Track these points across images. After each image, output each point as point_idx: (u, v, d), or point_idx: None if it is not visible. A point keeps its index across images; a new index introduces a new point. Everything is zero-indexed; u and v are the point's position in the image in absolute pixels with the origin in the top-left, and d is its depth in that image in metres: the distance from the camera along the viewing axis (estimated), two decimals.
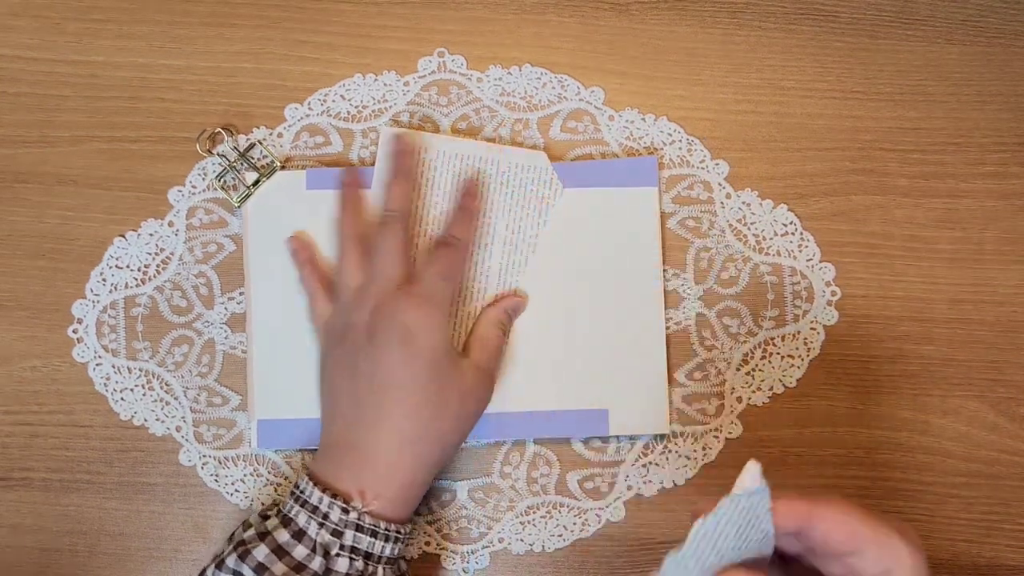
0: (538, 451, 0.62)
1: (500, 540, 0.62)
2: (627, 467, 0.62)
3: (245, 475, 0.62)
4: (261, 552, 0.52)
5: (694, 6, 0.65)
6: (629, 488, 0.62)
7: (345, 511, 0.53)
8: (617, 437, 0.62)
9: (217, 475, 0.62)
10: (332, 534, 0.53)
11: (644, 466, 0.62)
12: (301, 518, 0.53)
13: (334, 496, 0.53)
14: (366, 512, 0.53)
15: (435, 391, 0.55)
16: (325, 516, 0.53)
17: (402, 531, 0.55)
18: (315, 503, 0.53)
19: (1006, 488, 0.63)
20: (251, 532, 0.54)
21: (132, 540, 0.62)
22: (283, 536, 0.53)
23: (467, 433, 0.58)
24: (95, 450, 0.62)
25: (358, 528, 0.53)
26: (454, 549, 0.62)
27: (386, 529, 0.54)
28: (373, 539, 0.53)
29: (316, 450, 0.59)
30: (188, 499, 0.62)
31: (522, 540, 0.62)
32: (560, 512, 0.62)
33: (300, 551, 0.52)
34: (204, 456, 0.62)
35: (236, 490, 0.62)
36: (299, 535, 0.53)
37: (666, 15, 0.65)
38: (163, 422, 0.62)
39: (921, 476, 0.63)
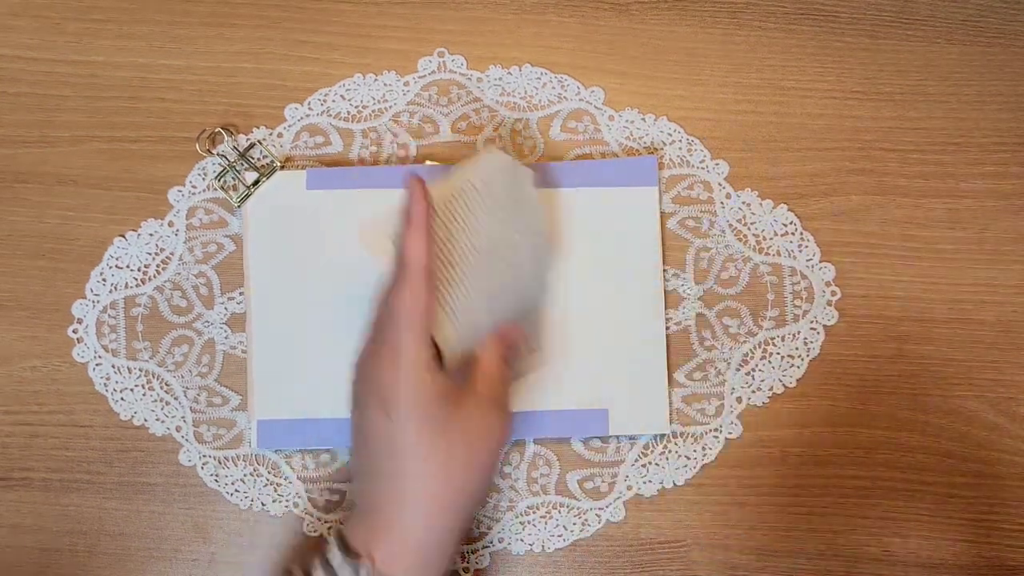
0: (538, 451, 0.62)
1: (500, 540, 0.62)
2: (627, 467, 0.62)
3: (245, 475, 0.62)
4: None
5: (694, 6, 0.65)
6: (629, 488, 0.62)
7: (356, 571, 0.50)
8: (617, 437, 0.62)
9: (217, 475, 0.62)
10: None
11: (644, 466, 0.62)
12: (317, 574, 0.51)
13: (356, 557, 0.51)
14: (377, 574, 0.50)
15: (436, 448, 0.51)
16: None
17: None
18: (334, 563, 0.51)
19: (1006, 488, 0.63)
20: None
21: (132, 540, 0.62)
22: None
23: (489, 476, 0.54)
24: (95, 450, 0.62)
25: None
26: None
27: None
28: None
29: (315, 450, 0.59)
30: (188, 499, 0.62)
31: (522, 540, 0.62)
32: (560, 512, 0.62)
33: None
34: (204, 456, 0.62)
35: (236, 490, 0.62)
36: None
37: (666, 15, 0.65)
38: (163, 422, 0.62)
39: (921, 476, 0.63)
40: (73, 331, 0.62)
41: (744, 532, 0.62)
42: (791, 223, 0.64)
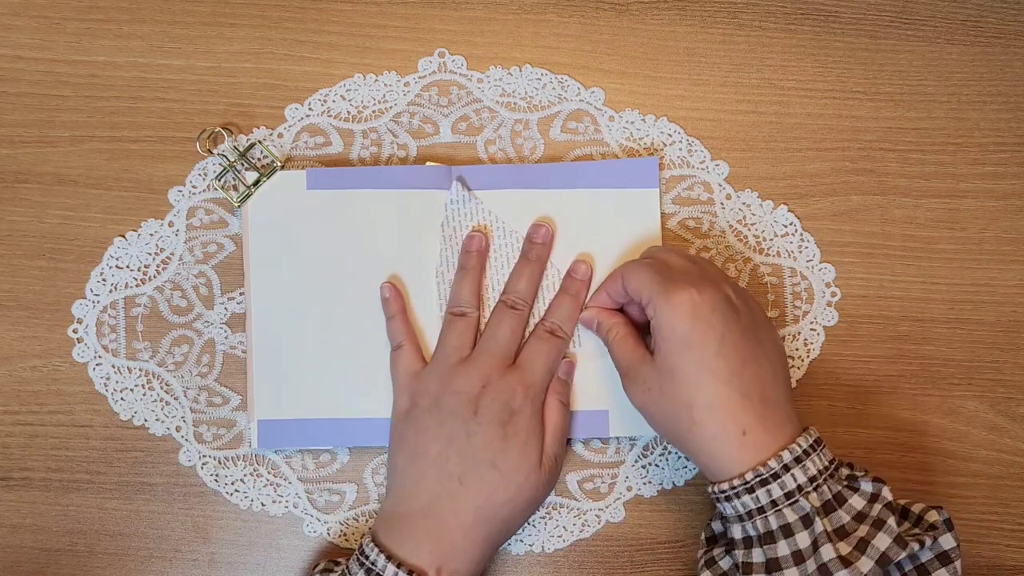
0: None
1: None
2: (627, 468, 0.62)
3: (245, 475, 0.62)
4: None
5: (694, 6, 0.65)
6: (629, 489, 0.62)
7: None
8: (617, 438, 0.62)
9: (217, 475, 0.62)
10: None
11: (644, 467, 0.62)
12: None
13: (409, 572, 0.53)
14: None
15: (518, 476, 0.56)
16: None
17: None
18: None
19: (1006, 488, 0.63)
20: None
21: (132, 540, 0.62)
22: None
23: (526, 519, 0.58)
24: (95, 450, 0.62)
25: None
26: None
27: None
28: None
29: (315, 450, 0.59)
30: (188, 499, 0.62)
31: (522, 541, 0.62)
32: (560, 513, 0.62)
33: None
34: (204, 456, 0.62)
35: (236, 490, 0.62)
36: None
37: (666, 15, 0.65)
38: (163, 422, 0.62)
39: (921, 476, 0.63)
40: (73, 331, 0.62)
41: None
42: (791, 224, 0.64)
